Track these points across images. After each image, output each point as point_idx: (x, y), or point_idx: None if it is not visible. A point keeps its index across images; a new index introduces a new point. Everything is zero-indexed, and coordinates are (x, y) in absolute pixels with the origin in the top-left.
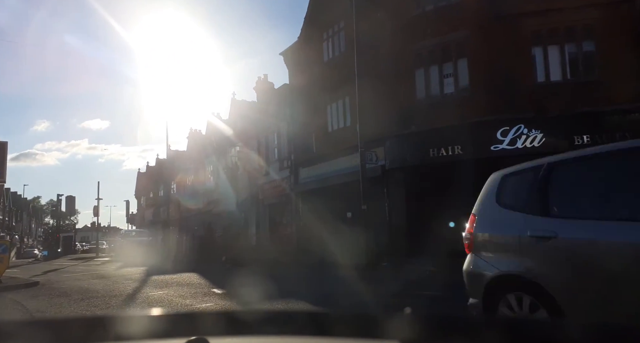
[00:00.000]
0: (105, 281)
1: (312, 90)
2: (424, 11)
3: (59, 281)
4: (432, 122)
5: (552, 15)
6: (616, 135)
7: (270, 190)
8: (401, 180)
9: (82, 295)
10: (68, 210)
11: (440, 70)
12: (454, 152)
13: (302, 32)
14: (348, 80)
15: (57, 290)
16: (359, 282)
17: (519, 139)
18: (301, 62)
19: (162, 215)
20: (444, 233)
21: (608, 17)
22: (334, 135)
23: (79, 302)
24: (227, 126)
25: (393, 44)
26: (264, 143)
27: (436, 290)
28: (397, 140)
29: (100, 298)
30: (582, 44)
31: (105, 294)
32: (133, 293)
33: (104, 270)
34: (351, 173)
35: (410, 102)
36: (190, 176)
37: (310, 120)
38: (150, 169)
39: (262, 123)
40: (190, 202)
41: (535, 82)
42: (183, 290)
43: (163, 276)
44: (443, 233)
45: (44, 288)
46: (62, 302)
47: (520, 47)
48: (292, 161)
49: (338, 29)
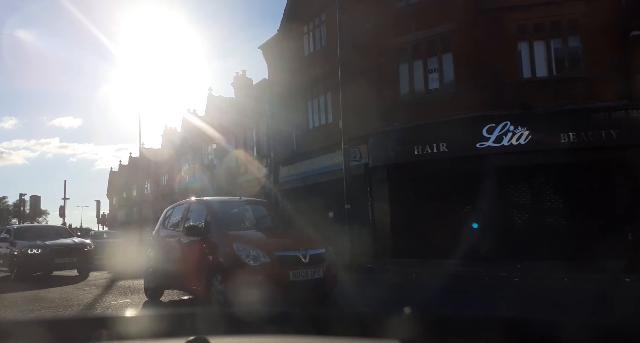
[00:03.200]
0: (64, 288)
1: (292, 85)
2: (408, 4)
3: (11, 288)
4: (417, 119)
5: (538, 9)
6: (602, 133)
7: (249, 189)
8: (385, 178)
9: (34, 305)
10: (33, 211)
11: (425, 66)
12: (439, 149)
13: (282, 25)
14: (329, 76)
15: (5, 299)
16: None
17: (505, 136)
18: (281, 56)
19: (135, 216)
20: (431, 232)
21: (594, 12)
22: (315, 132)
23: (26, 315)
24: (204, 123)
25: (376, 38)
26: (242, 140)
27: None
28: (381, 137)
29: (54, 309)
30: (568, 40)
31: (60, 304)
32: (92, 303)
33: (65, 275)
34: (333, 172)
35: (394, 98)
36: (165, 175)
37: (290, 116)
38: (123, 168)
39: (240, 120)
40: (165, 202)
41: (522, 78)
42: None
43: (131, 281)
44: (430, 233)
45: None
46: (6, 315)
47: (506, 42)
48: (271, 159)
49: (319, 22)
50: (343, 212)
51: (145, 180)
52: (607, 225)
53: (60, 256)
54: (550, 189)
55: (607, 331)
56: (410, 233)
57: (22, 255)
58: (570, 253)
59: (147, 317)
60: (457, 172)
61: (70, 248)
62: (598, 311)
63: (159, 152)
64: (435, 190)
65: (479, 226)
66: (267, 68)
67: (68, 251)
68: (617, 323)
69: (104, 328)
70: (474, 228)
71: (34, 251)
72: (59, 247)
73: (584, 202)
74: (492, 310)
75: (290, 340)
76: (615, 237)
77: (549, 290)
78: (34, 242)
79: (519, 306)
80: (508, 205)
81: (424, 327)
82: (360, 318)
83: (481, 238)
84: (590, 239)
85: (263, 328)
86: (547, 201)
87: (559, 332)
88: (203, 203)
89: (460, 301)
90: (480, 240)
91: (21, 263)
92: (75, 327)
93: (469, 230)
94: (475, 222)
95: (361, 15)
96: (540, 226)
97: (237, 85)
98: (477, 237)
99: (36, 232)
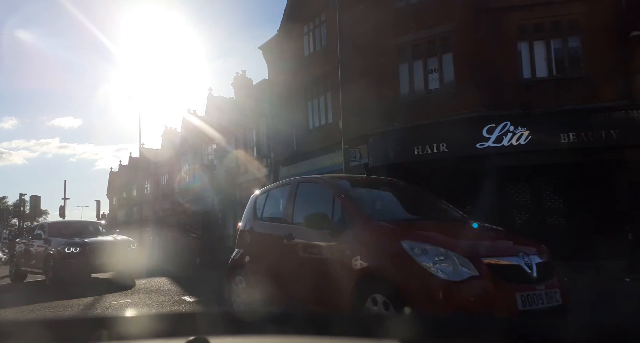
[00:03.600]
0: (64, 287)
1: (292, 85)
2: (408, 4)
3: (11, 289)
4: (417, 119)
5: (538, 9)
6: (602, 133)
7: (249, 189)
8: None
9: (34, 305)
10: (32, 211)
11: (425, 66)
12: (439, 149)
13: (282, 25)
14: (329, 76)
15: (5, 299)
16: None
17: (505, 136)
18: (281, 56)
19: (136, 216)
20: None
21: (594, 12)
22: (315, 132)
23: (27, 315)
24: (204, 123)
25: (376, 38)
26: (242, 140)
27: None
28: (381, 137)
29: (53, 309)
30: (568, 40)
31: (60, 304)
32: (92, 303)
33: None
34: (333, 172)
35: (394, 98)
36: (165, 175)
37: (290, 116)
38: (123, 168)
39: (240, 120)
40: (164, 202)
41: (522, 78)
42: (150, 297)
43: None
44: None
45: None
46: (6, 315)
47: (506, 42)
48: (271, 159)
49: (319, 22)
50: None
51: (145, 180)
52: (607, 225)
53: (100, 256)
54: (550, 189)
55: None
56: None
57: (58, 254)
58: (570, 253)
59: (147, 317)
60: (457, 172)
61: (112, 247)
62: (598, 311)
63: (159, 152)
64: (435, 190)
65: (478, 226)
66: (267, 68)
67: (110, 250)
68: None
69: (104, 328)
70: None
71: (72, 250)
72: (100, 246)
73: (584, 202)
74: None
75: (290, 340)
76: (615, 237)
77: None
78: (72, 239)
79: None
80: (508, 205)
81: (424, 327)
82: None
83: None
84: (590, 239)
85: (263, 328)
86: (547, 201)
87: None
88: (322, 182)
89: None
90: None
91: (58, 264)
92: (75, 327)
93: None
94: (475, 222)
95: (361, 15)
96: (540, 226)
97: (237, 85)
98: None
99: (74, 228)
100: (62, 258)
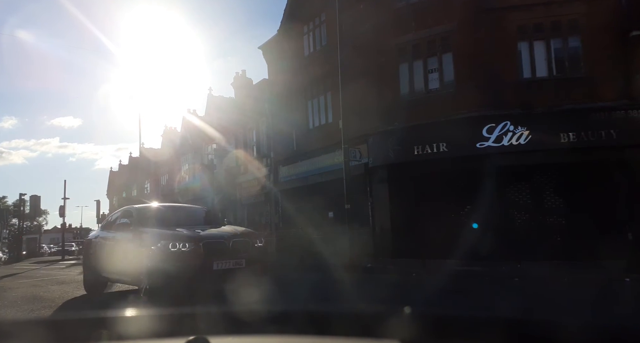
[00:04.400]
0: (65, 287)
1: (292, 85)
2: (408, 4)
3: (13, 288)
4: (417, 119)
5: (538, 9)
6: (602, 133)
7: (249, 189)
8: (385, 178)
9: (34, 305)
10: (32, 211)
11: (425, 65)
12: (439, 149)
13: (282, 25)
14: (329, 76)
15: (6, 299)
16: (338, 284)
17: (505, 136)
18: (281, 56)
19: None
20: (431, 232)
21: (594, 12)
22: (315, 132)
23: (27, 314)
24: (204, 123)
25: (376, 38)
26: (242, 140)
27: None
28: (381, 137)
29: (54, 309)
30: (568, 40)
31: (60, 304)
32: (92, 303)
33: (66, 275)
34: (333, 172)
35: (394, 97)
36: (165, 175)
37: (290, 116)
38: (123, 168)
39: (240, 120)
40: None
41: (521, 78)
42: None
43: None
44: (430, 233)
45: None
46: (7, 314)
47: (506, 42)
48: (271, 159)
49: (319, 22)
50: (343, 212)
51: (145, 180)
52: (607, 225)
53: (220, 256)
54: (550, 189)
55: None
56: (410, 233)
57: (160, 253)
58: (570, 253)
59: (147, 317)
60: (457, 172)
61: (234, 242)
62: (598, 311)
63: (159, 152)
64: (435, 190)
65: (479, 226)
66: (267, 68)
67: (232, 247)
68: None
69: (104, 328)
70: (474, 228)
71: (180, 247)
72: (218, 241)
73: (584, 202)
74: (492, 310)
75: (290, 340)
76: (615, 237)
77: (549, 290)
78: (175, 230)
79: (519, 306)
80: (508, 205)
81: (424, 327)
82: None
83: (481, 238)
84: (590, 239)
85: (263, 328)
86: (547, 201)
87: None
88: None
89: (460, 301)
90: (481, 240)
91: (160, 268)
92: (75, 327)
93: (469, 230)
94: (475, 222)
95: (361, 15)
96: (540, 226)
97: (237, 85)
98: (477, 237)
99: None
100: (166, 260)
